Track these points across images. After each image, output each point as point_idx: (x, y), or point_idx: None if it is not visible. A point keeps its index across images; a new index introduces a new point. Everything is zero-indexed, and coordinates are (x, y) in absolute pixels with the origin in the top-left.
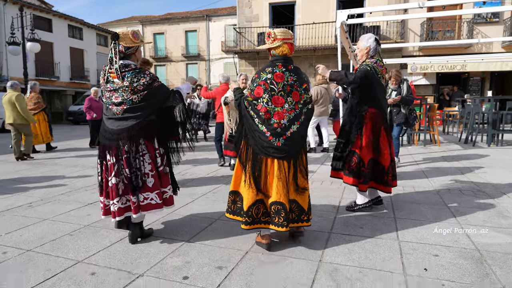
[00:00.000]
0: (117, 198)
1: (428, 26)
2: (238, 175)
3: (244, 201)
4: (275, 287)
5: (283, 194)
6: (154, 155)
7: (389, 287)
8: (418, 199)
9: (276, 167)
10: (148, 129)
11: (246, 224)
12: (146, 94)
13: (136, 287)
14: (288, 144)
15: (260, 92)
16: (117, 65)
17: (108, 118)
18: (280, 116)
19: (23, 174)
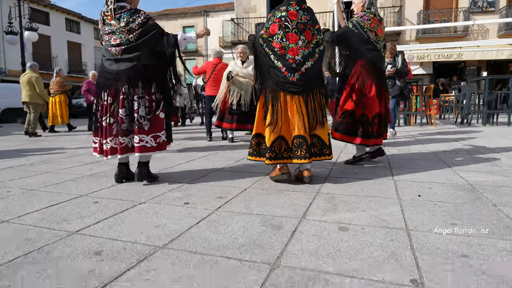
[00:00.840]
0: (110, 138)
1: (425, 16)
2: (260, 117)
3: (267, 139)
4: (274, 207)
5: (303, 128)
6: (152, 99)
7: (385, 206)
8: (413, 157)
9: (294, 103)
10: (147, 71)
11: (270, 159)
12: (141, 32)
13: (138, 209)
14: (303, 80)
15: (275, 29)
16: (112, 6)
17: (107, 59)
18: (295, 52)
19: (23, 147)
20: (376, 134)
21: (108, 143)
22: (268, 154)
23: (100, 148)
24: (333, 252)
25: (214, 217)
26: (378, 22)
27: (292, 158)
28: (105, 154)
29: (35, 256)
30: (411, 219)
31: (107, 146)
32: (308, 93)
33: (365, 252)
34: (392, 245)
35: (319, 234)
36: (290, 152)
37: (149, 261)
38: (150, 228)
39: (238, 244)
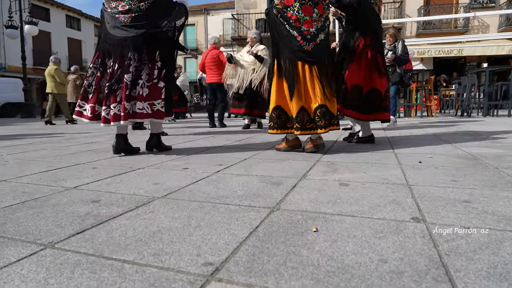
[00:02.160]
0: (114, 104)
1: (425, 11)
2: (278, 90)
3: (292, 109)
4: (273, 171)
5: (323, 97)
6: (154, 67)
7: (386, 170)
8: (414, 138)
9: (313, 73)
10: (152, 39)
11: (297, 130)
12: (153, 2)
13: (137, 172)
14: (318, 50)
15: (290, 1)
16: None
17: (113, 26)
18: (309, 24)
19: (23, 132)
20: (387, 108)
21: (111, 109)
22: (296, 124)
23: (93, 113)
24: (333, 200)
25: (213, 178)
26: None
27: (316, 128)
28: (104, 121)
29: (31, 203)
30: (412, 178)
31: (110, 114)
32: (323, 63)
33: (366, 199)
34: (393, 194)
35: (319, 188)
36: (312, 123)
37: (147, 206)
38: (149, 185)
39: (237, 195)
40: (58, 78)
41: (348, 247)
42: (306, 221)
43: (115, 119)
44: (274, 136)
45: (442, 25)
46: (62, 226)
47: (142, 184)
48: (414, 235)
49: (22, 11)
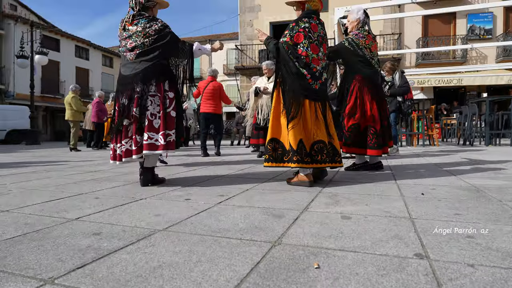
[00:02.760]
0: (126, 140)
1: (424, 43)
2: (275, 123)
3: (291, 142)
4: (275, 202)
5: (323, 133)
6: (164, 96)
7: (388, 202)
8: (416, 167)
9: (315, 110)
10: (160, 70)
11: (297, 163)
12: (156, 38)
13: (139, 203)
14: (323, 89)
15: (300, 38)
16: (133, 12)
17: (123, 65)
18: (317, 62)
19: (26, 160)
20: (382, 144)
21: (123, 145)
22: (296, 157)
23: (114, 153)
24: (335, 234)
25: (215, 209)
26: (372, 39)
27: (312, 163)
28: (118, 159)
29: (33, 236)
30: (414, 211)
31: (121, 149)
32: (327, 101)
33: (368, 234)
34: (396, 229)
35: (321, 221)
36: (308, 157)
37: (148, 240)
38: (150, 216)
39: (238, 228)
40: (74, 105)
41: (351, 286)
42: (308, 256)
43: (126, 154)
44: None
45: (441, 55)
46: (62, 260)
47: (143, 215)
48: (418, 273)
49: (33, 42)
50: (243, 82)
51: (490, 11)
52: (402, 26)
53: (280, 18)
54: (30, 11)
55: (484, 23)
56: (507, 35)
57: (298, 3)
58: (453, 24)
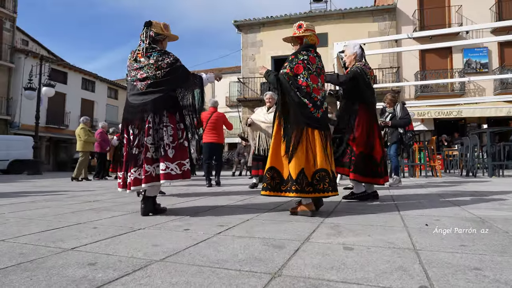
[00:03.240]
0: (135, 169)
1: (422, 76)
2: (275, 151)
3: (291, 171)
4: (276, 233)
5: (325, 162)
6: (176, 127)
7: (391, 233)
8: (419, 198)
9: (316, 138)
10: (171, 102)
11: (296, 192)
12: (168, 71)
13: (137, 233)
14: (324, 118)
15: (300, 69)
16: (144, 45)
17: (131, 94)
18: (317, 92)
19: (27, 189)
20: (383, 174)
21: (132, 174)
22: (295, 186)
23: (123, 181)
24: (337, 266)
25: (214, 240)
26: (373, 72)
27: (314, 192)
28: (128, 187)
29: (27, 266)
30: (418, 242)
31: (131, 178)
32: (328, 129)
33: (371, 265)
34: (400, 260)
35: (323, 252)
36: (310, 186)
37: (144, 270)
38: (148, 246)
39: (238, 259)
40: (83, 136)
41: None
42: None
43: (135, 183)
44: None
45: (439, 88)
46: None
47: (141, 245)
48: None
49: (42, 75)
50: (245, 114)
51: (485, 46)
52: (400, 60)
53: (281, 52)
54: (40, 46)
55: (480, 57)
56: (503, 69)
57: (295, 39)
58: (450, 58)
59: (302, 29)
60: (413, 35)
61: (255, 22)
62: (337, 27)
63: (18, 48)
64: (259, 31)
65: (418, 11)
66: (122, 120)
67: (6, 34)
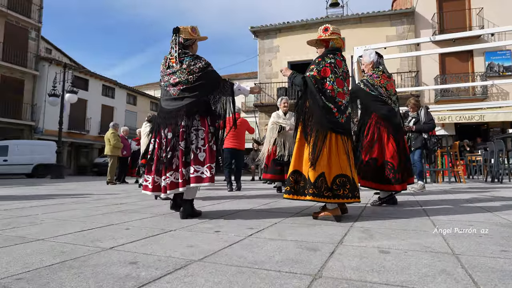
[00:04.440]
0: (170, 172)
1: (442, 80)
2: (298, 154)
3: (310, 174)
4: (307, 236)
5: (348, 167)
6: (208, 131)
7: (425, 237)
8: (446, 203)
9: (340, 143)
10: (203, 106)
11: (313, 196)
12: (200, 76)
13: (169, 234)
14: (348, 122)
15: (327, 72)
16: (176, 53)
17: (165, 100)
18: (342, 96)
19: (53, 193)
20: (400, 180)
21: (168, 178)
22: (312, 190)
23: (153, 185)
24: (377, 268)
25: (246, 242)
26: (388, 78)
27: (333, 198)
28: (163, 190)
29: (71, 263)
30: (456, 247)
31: (166, 182)
32: (350, 135)
33: (411, 269)
34: (441, 264)
35: (359, 255)
36: (329, 191)
37: (186, 269)
38: (183, 247)
39: (275, 260)
40: (112, 141)
41: None
42: None
43: (171, 187)
44: None
45: (460, 92)
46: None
47: (176, 246)
48: None
49: (65, 82)
50: (261, 119)
51: (508, 49)
52: (419, 64)
53: (298, 57)
54: (63, 54)
55: (502, 60)
56: None
57: (321, 42)
58: (471, 62)
59: (329, 32)
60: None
61: (272, 28)
62: (354, 32)
63: (42, 57)
64: (276, 37)
65: (438, 14)
66: (155, 124)
67: (32, 43)
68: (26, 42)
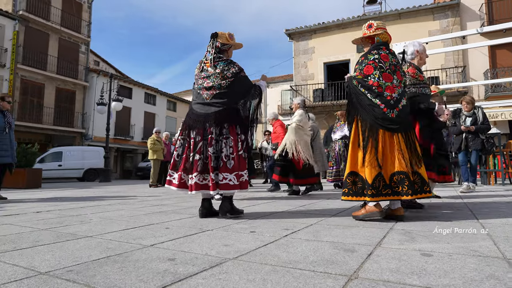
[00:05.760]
0: (196, 173)
1: (492, 74)
2: (353, 156)
3: (367, 176)
4: (344, 237)
5: (404, 164)
6: (236, 139)
7: (473, 240)
8: (499, 206)
9: (394, 140)
10: (232, 115)
11: (372, 196)
12: (233, 81)
13: (206, 234)
14: (401, 116)
15: (370, 70)
16: (211, 56)
17: (196, 103)
18: (391, 90)
19: (100, 195)
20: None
21: (193, 178)
22: (370, 191)
23: (179, 181)
24: (417, 271)
25: (282, 242)
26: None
27: (391, 195)
28: (190, 189)
29: (115, 258)
30: (508, 251)
31: (192, 181)
32: (407, 130)
33: (456, 272)
34: (489, 269)
35: (398, 257)
36: (388, 189)
37: (220, 267)
38: (219, 246)
39: (309, 261)
40: (148, 146)
41: None
42: None
43: (196, 187)
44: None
45: None
46: (144, 281)
47: (212, 245)
48: None
49: (111, 91)
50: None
51: None
52: (466, 58)
53: (334, 58)
54: (109, 65)
55: None
56: None
57: (366, 39)
58: None
59: (373, 28)
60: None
61: (306, 29)
62: (393, 28)
63: (92, 68)
64: (311, 38)
65: (486, 4)
66: (184, 123)
67: (82, 57)
68: (77, 55)
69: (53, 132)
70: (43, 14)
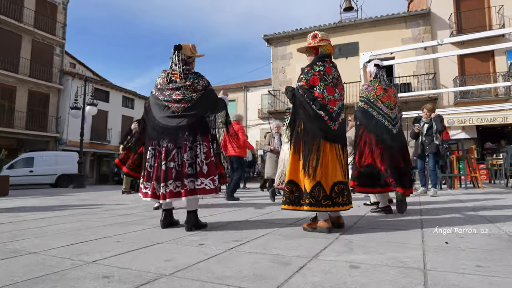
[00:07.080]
0: (171, 181)
1: (461, 81)
2: (294, 164)
3: (306, 184)
4: (287, 250)
5: (342, 174)
6: (209, 146)
7: (406, 251)
8: (449, 212)
9: (333, 150)
10: (205, 125)
11: (310, 206)
12: (203, 94)
13: (155, 248)
14: (341, 130)
15: (316, 81)
16: (180, 69)
17: (164, 116)
18: (333, 103)
19: (68, 203)
20: (394, 184)
21: (167, 186)
22: (308, 199)
23: (152, 191)
24: (337, 285)
25: (225, 255)
26: (383, 89)
27: (332, 206)
28: (162, 198)
29: (52, 277)
30: (431, 261)
31: (167, 189)
32: (345, 142)
33: (372, 285)
34: (404, 280)
35: (327, 270)
36: (328, 200)
37: (151, 285)
38: (160, 261)
39: (241, 275)
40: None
41: None
42: None
43: (171, 195)
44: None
45: (481, 93)
46: None
47: (155, 260)
48: None
49: (86, 95)
50: None
51: None
52: (436, 65)
53: None
54: (86, 68)
55: None
56: None
57: (310, 49)
58: (492, 62)
59: (317, 39)
60: (444, 41)
61: (284, 35)
62: (368, 35)
63: (67, 71)
64: (289, 44)
65: (455, 14)
66: (148, 137)
67: (56, 59)
68: (51, 58)
69: (25, 136)
70: (15, 15)
